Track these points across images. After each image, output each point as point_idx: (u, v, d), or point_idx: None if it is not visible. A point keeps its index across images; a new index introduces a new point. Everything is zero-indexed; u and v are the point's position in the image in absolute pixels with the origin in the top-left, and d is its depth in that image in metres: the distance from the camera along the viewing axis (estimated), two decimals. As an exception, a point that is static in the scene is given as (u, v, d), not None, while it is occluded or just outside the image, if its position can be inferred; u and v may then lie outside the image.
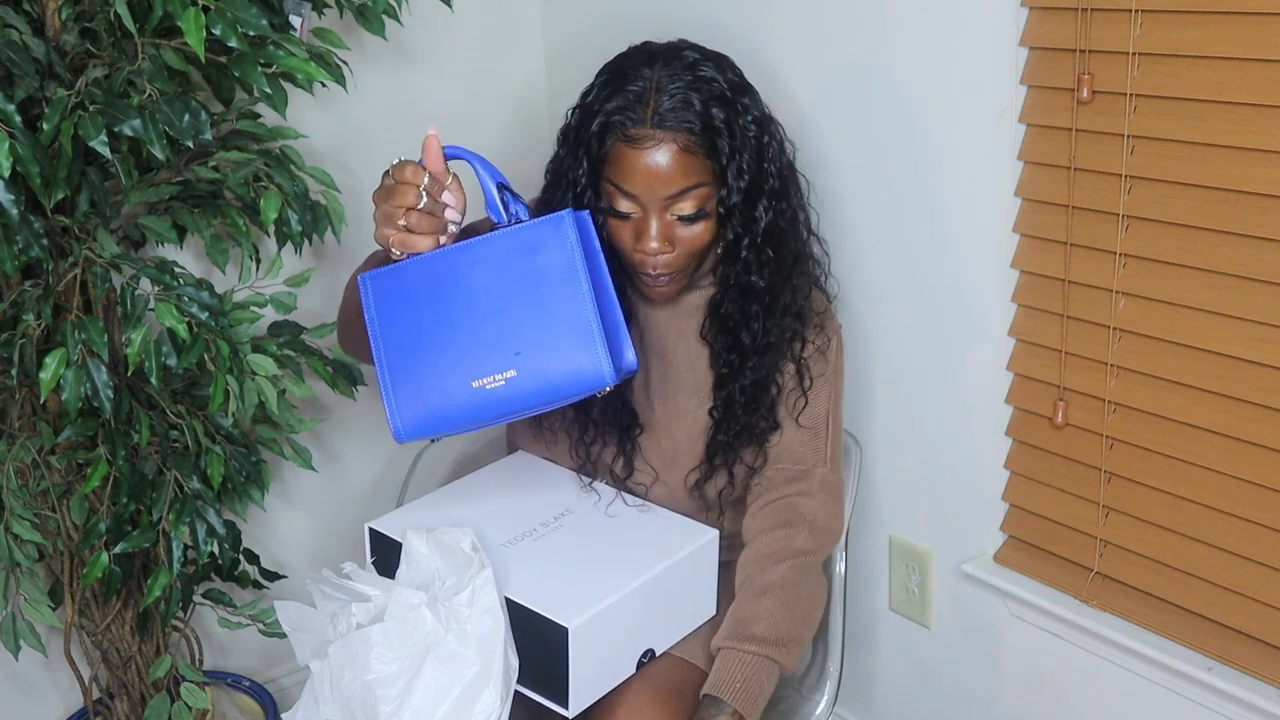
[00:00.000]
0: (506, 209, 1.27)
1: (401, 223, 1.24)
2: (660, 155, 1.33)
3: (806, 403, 1.49)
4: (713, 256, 1.46)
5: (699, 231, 1.38)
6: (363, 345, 1.37)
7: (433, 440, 1.25)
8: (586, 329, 1.21)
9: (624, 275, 1.45)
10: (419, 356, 1.22)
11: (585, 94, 1.42)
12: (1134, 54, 1.42)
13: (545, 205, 1.45)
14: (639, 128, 1.34)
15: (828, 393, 1.50)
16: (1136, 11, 1.40)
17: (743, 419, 1.48)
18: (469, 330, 1.22)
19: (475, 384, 1.21)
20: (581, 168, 1.39)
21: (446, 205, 1.27)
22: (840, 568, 1.74)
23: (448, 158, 1.26)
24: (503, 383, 1.21)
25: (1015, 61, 1.54)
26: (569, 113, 1.44)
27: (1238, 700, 1.46)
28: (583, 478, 1.55)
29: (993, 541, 1.75)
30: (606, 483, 1.54)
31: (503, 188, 1.27)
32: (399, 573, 1.35)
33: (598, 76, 1.42)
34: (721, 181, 1.37)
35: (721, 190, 1.37)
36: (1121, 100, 1.45)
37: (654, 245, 1.36)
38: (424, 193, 1.23)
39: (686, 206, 1.36)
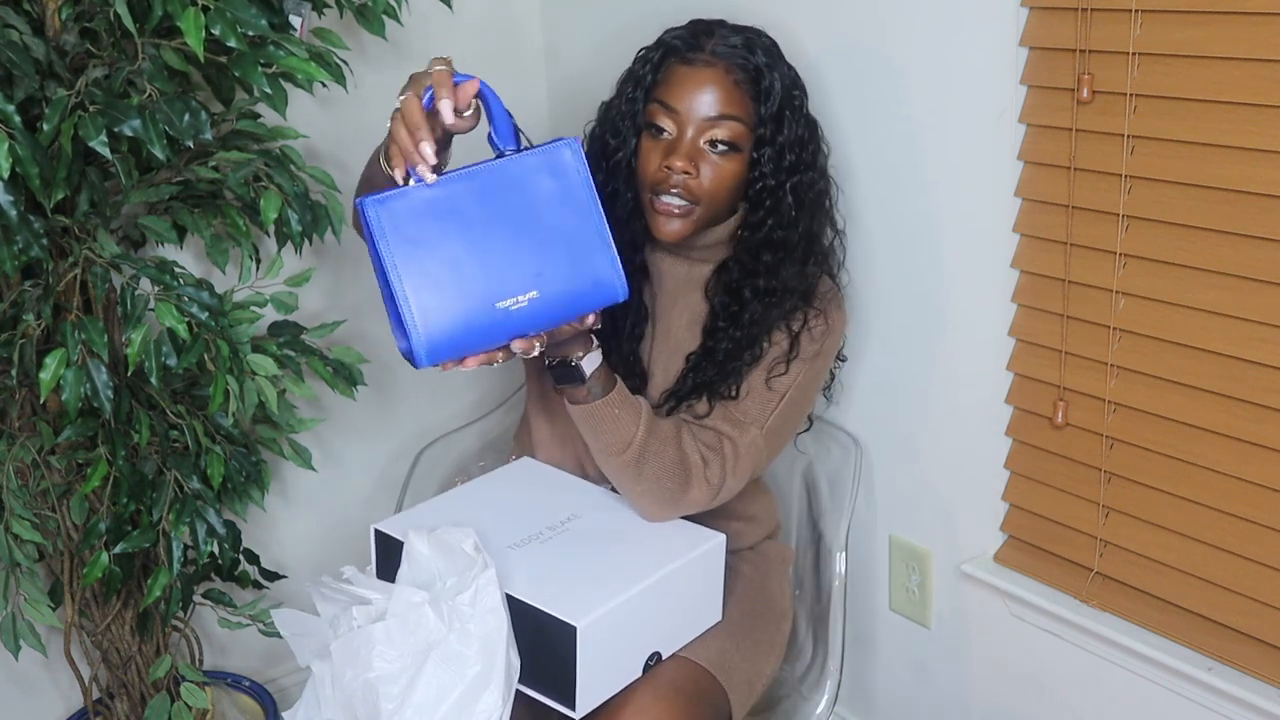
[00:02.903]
0: (518, 135, 1.26)
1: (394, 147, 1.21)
2: (710, 77, 1.43)
3: (785, 371, 1.49)
4: (727, 227, 1.51)
5: (725, 168, 1.44)
6: None
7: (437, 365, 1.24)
8: (603, 245, 1.25)
9: (635, 220, 1.49)
10: (443, 282, 1.20)
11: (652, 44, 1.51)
12: (1134, 54, 1.42)
13: (590, 139, 1.54)
14: (698, 52, 1.44)
15: (800, 370, 1.50)
16: (1136, 11, 1.40)
17: (723, 365, 1.48)
18: (490, 253, 1.22)
19: (499, 305, 1.22)
20: (634, 92, 1.46)
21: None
22: (840, 568, 1.74)
23: (459, 83, 1.23)
24: (525, 303, 1.23)
25: (1015, 61, 1.54)
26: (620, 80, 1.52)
27: (1238, 700, 1.46)
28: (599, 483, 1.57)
29: (993, 541, 1.75)
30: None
31: (508, 114, 1.26)
32: (400, 573, 1.35)
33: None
34: (760, 123, 1.44)
35: (760, 129, 1.44)
36: (1121, 100, 1.45)
37: (680, 163, 1.41)
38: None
39: (721, 133, 1.43)
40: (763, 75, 1.44)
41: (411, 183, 1.21)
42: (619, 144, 1.48)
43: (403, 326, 1.21)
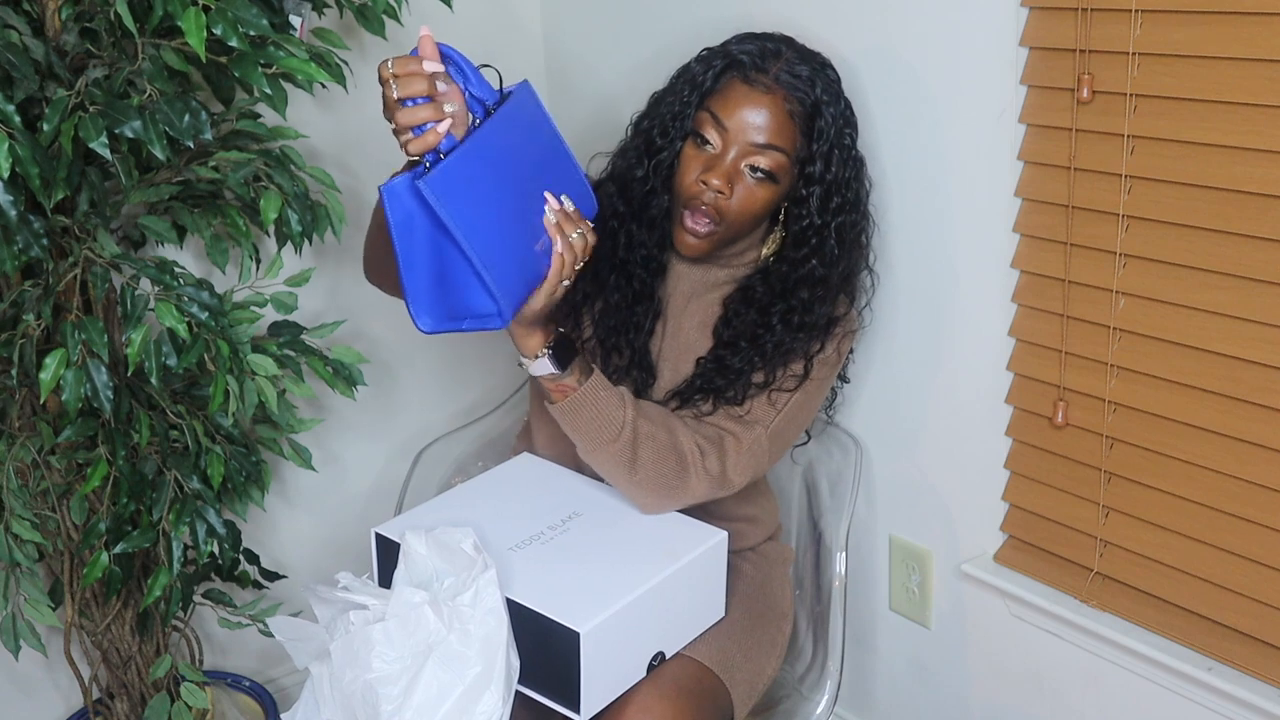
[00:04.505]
0: (485, 82, 1.28)
1: (403, 122, 1.22)
2: (767, 103, 1.42)
3: (794, 388, 1.50)
4: (750, 240, 1.52)
5: (760, 194, 1.44)
6: (384, 267, 1.44)
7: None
8: (574, 166, 1.35)
9: (666, 221, 1.49)
10: (500, 240, 1.25)
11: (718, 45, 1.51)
12: (1134, 54, 1.42)
13: (635, 130, 1.54)
14: (760, 74, 1.43)
15: (805, 384, 1.51)
16: (1136, 11, 1.40)
17: (734, 378, 1.49)
18: (518, 202, 1.27)
19: (538, 247, 1.29)
20: (688, 93, 1.46)
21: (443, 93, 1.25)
22: (840, 568, 1.74)
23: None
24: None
25: (1015, 61, 1.54)
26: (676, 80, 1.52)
27: (1238, 700, 1.46)
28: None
29: (993, 541, 1.75)
30: None
31: (476, 69, 1.29)
32: (396, 573, 1.35)
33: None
34: (810, 159, 1.44)
35: (810, 167, 1.44)
36: (1121, 100, 1.45)
37: (717, 181, 1.42)
38: (394, 82, 1.21)
39: (764, 161, 1.42)
40: (820, 113, 1.44)
41: (425, 163, 1.22)
42: (665, 144, 1.47)
43: (458, 291, 1.26)
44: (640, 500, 1.46)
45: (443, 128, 1.22)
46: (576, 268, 1.33)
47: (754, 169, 1.43)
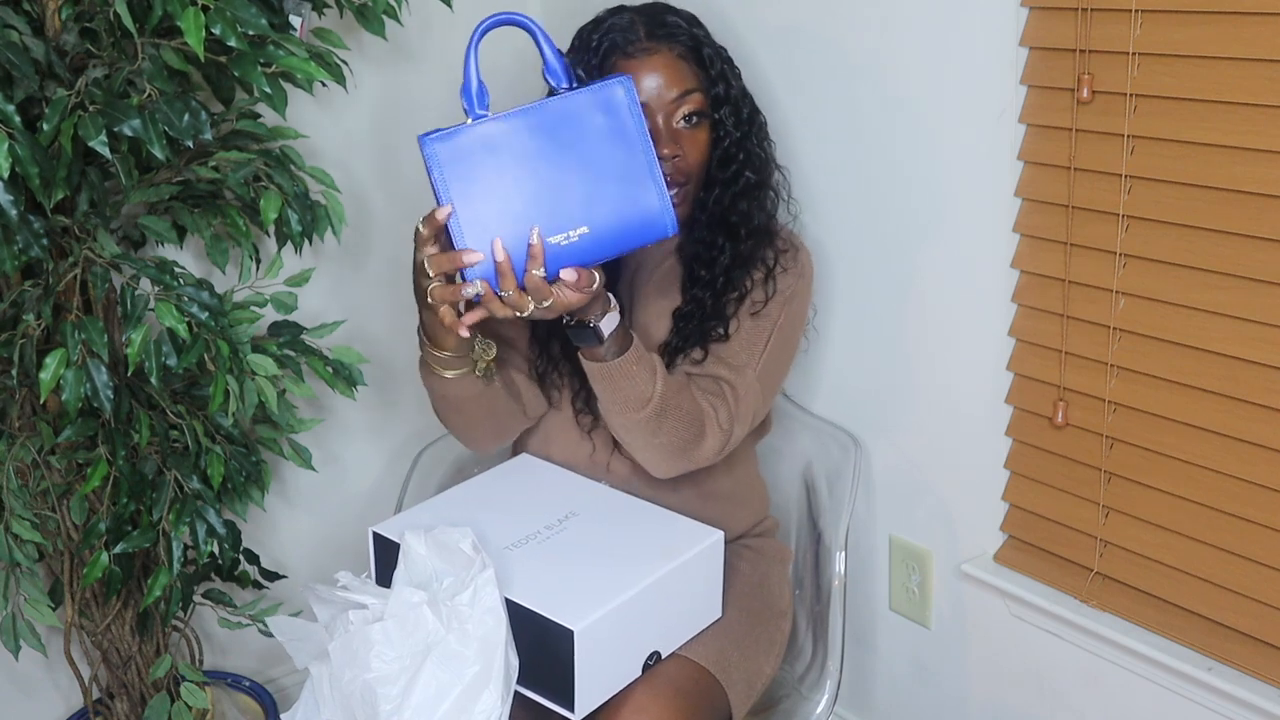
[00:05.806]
0: (570, 72, 1.29)
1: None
2: (659, 62, 1.47)
3: (765, 307, 1.52)
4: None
5: (701, 136, 1.50)
6: (478, 428, 1.54)
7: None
8: (652, 181, 1.28)
9: None
10: (494, 213, 1.25)
11: (574, 42, 1.53)
12: (1134, 54, 1.42)
13: None
14: (635, 43, 1.47)
15: (781, 308, 1.53)
16: (1136, 11, 1.40)
17: (711, 309, 1.51)
18: (543, 188, 1.25)
19: (551, 240, 1.26)
20: None
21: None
22: (840, 567, 1.74)
23: (506, 23, 1.28)
24: (576, 238, 1.27)
25: (1015, 61, 1.54)
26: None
27: (1238, 700, 1.46)
28: (591, 478, 1.57)
29: (993, 541, 1.75)
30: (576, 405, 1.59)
31: (560, 54, 1.29)
32: (396, 573, 1.35)
33: (576, 35, 1.54)
34: (712, 84, 1.50)
35: (716, 89, 1.50)
36: (1121, 100, 1.45)
37: (666, 150, 1.45)
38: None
39: (689, 106, 1.48)
40: (700, 43, 1.50)
41: (469, 120, 1.24)
42: None
43: None
44: (654, 462, 1.48)
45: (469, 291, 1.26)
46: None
47: (687, 118, 1.47)
